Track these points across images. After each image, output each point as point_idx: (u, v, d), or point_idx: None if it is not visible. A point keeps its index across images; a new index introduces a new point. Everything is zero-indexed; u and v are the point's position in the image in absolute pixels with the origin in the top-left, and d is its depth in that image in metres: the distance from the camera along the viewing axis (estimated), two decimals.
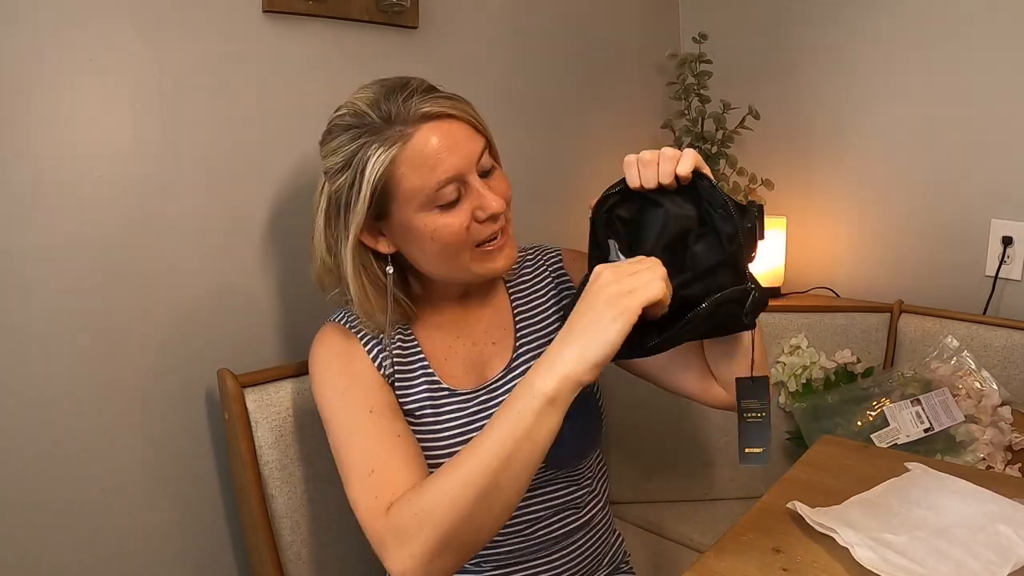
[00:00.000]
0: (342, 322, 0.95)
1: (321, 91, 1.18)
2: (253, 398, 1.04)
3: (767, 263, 1.67)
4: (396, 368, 0.93)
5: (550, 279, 1.03)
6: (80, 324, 0.99)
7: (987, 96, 1.49)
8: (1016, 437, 1.28)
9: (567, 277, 1.03)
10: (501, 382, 0.94)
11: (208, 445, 1.12)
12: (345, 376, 0.90)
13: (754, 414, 0.83)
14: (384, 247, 0.89)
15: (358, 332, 0.94)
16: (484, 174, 0.87)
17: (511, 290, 1.02)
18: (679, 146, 1.69)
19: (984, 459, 1.25)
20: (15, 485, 0.95)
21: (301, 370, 1.10)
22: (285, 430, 1.06)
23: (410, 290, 0.96)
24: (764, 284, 1.67)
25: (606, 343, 0.71)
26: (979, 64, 1.50)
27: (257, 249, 1.14)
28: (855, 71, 1.66)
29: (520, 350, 0.96)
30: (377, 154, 0.82)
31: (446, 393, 0.93)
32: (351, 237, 0.86)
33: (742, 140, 1.67)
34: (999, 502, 0.81)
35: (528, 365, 0.88)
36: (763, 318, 1.59)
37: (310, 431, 1.08)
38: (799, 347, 1.52)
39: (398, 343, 0.94)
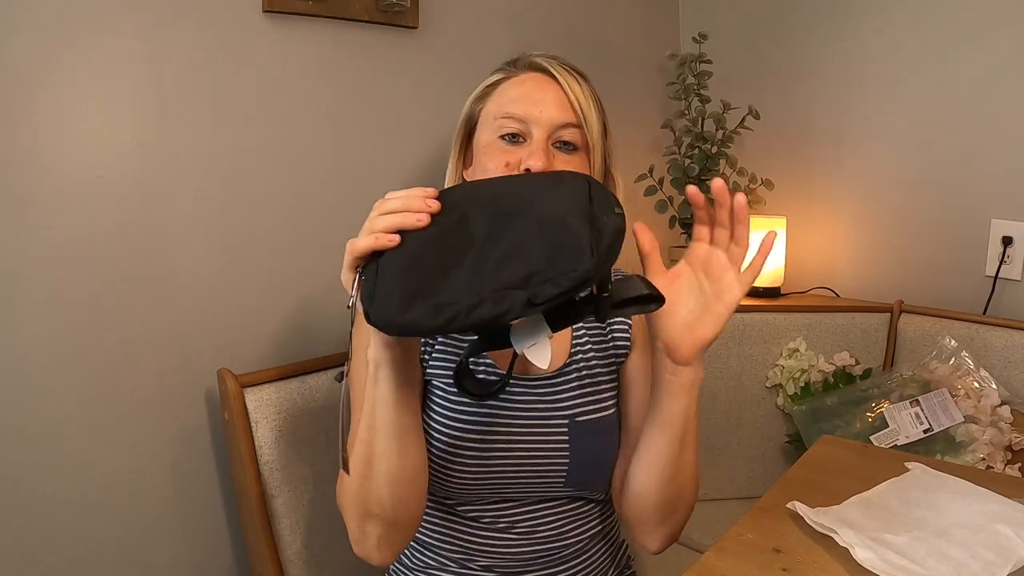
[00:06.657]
0: None
1: (321, 91, 1.18)
2: (253, 398, 1.04)
3: (768, 263, 1.66)
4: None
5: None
6: (80, 324, 0.99)
7: (987, 96, 1.50)
8: (1016, 437, 1.28)
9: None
10: (548, 380, 0.93)
11: (208, 445, 1.12)
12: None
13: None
14: (470, 173, 0.99)
15: None
16: (559, 145, 0.92)
17: None
18: (679, 147, 1.69)
19: (984, 459, 1.25)
20: (15, 484, 0.95)
21: (301, 370, 1.10)
22: (285, 430, 1.06)
23: None
24: (764, 284, 1.71)
25: None
26: (979, 64, 1.50)
27: (257, 248, 1.14)
28: (855, 71, 1.66)
29: (575, 356, 0.95)
30: (489, 78, 0.98)
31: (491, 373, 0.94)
32: (454, 148, 0.99)
33: (742, 140, 1.67)
34: (999, 502, 0.81)
35: (578, 368, 0.93)
36: (764, 318, 1.63)
37: (310, 431, 1.08)
38: (797, 350, 1.52)
39: None
